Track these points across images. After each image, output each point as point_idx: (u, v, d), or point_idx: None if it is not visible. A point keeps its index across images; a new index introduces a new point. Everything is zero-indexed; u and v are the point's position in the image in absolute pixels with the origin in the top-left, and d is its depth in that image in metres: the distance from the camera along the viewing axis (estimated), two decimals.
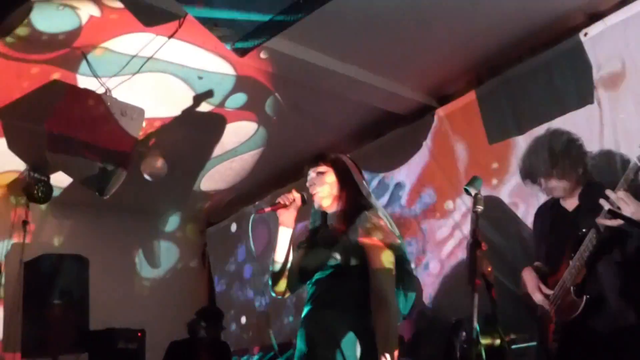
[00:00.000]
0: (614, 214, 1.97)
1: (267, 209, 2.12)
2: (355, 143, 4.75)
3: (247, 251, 5.84)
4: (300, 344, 2.00)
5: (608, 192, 2.15)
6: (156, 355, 4.59)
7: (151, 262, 6.20)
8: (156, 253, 6.27)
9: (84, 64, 3.33)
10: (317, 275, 2.03)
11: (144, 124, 3.52)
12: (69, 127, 3.05)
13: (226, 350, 4.54)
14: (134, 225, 6.08)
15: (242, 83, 3.85)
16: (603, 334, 2.27)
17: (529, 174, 2.69)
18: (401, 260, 1.99)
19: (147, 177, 4.43)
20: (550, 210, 2.67)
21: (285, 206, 2.10)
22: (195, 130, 4.39)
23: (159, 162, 4.32)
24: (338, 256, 1.97)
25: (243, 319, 5.74)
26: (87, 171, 3.49)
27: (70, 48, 3.18)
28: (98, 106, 3.21)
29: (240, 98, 4.04)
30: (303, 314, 2.03)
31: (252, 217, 2.11)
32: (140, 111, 3.41)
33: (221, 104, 4.06)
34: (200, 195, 5.79)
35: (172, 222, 6.46)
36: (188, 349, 4.55)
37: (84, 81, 3.51)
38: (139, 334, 4.76)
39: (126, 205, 5.76)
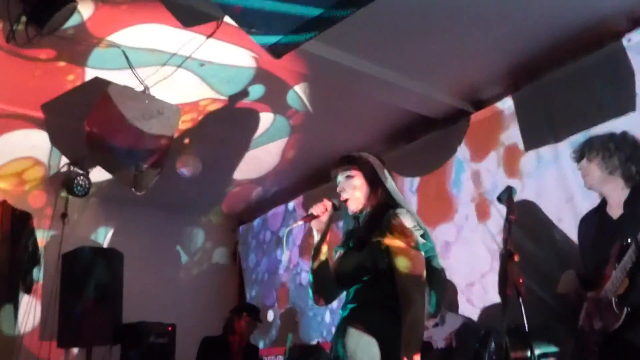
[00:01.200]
0: None
1: (300, 222, 2.13)
2: (388, 146, 4.73)
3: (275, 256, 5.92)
4: (336, 350, 2.00)
5: None
6: (186, 350, 4.68)
7: (184, 258, 6.32)
8: (189, 249, 6.39)
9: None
10: (351, 280, 2.03)
11: (180, 122, 3.58)
12: (107, 125, 3.13)
13: (255, 352, 4.59)
14: (168, 221, 6.20)
15: (268, 80, 3.86)
16: None
17: (578, 154, 2.59)
18: (428, 259, 1.98)
19: (182, 174, 4.51)
20: (595, 218, 2.62)
21: (317, 217, 2.09)
22: (228, 126, 4.44)
23: (193, 160, 4.39)
24: (368, 260, 1.97)
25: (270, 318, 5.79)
26: (123, 168, 3.57)
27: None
28: (136, 104, 3.28)
29: (260, 90, 4.01)
30: (339, 320, 2.04)
31: (286, 231, 2.14)
32: (176, 109, 3.47)
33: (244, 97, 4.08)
34: (233, 191, 5.84)
35: (206, 220, 6.57)
36: (221, 345, 4.61)
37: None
38: (170, 328, 4.85)
39: (161, 201, 5.88)
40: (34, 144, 4.44)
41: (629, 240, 2.21)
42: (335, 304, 2.29)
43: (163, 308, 5.28)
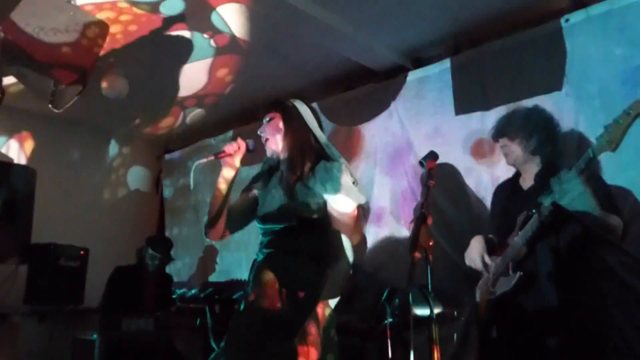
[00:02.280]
0: (555, 205, 2.03)
1: (211, 157, 2.12)
2: (324, 92, 4.69)
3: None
4: (250, 286, 2.01)
5: (559, 176, 2.22)
6: (97, 276, 4.58)
7: (103, 181, 6.10)
8: (109, 173, 6.17)
9: None
10: (273, 222, 2.04)
11: (107, 39, 3.35)
12: (25, 34, 2.86)
13: (169, 282, 4.57)
14: (89, 142, 5.94)
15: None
16: (529, 311, 2.37)
17: (498, 132, 2.68)
18: (360, 212, 2.03)
19: (106, 94, 4.28)
20: (508, 187, 2.75)
21: (229, 155, 2.12)
22: (158, 51, 4.22)
23: (120, 81, 4.17)
24: (298, 206, 1.98)
25: (188, 255, 5.76)
26: (41, 82, 3.32)
27: None
28: (59, 15, 3.02)
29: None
30: (258, 259, 2.05)
31: (194, 166, 2.09)
32: (104, 26, 3.23)
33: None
34: (160, 117, 5.63)
35: (129, 143, 6.32)
36: (133, 275, 4.56)
37: None
38: (82, 252, 4.73)
39: (83, 120, 5.61)
40: None
41: (533, 211, 2.34)
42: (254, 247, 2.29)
43: (77, 231, 5.10)
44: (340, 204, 1.95)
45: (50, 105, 3.45)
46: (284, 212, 2.01)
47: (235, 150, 2.12)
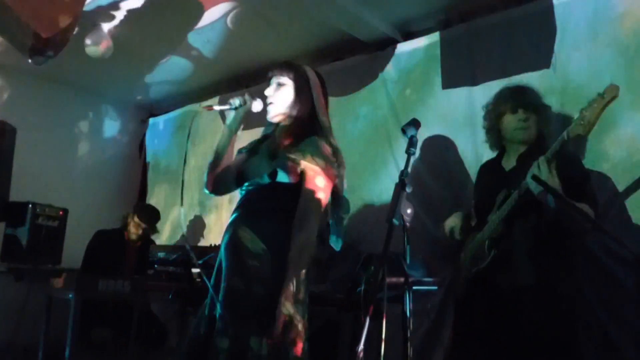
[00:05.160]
0: (536, 178, 2.03)
1: (216, 107, 2.08)
2: (313, 62, 4.62)
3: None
4: (222, 250, 2.01)
5: (536, 160, 2.22)
6: (76, 238, 4.55)
7: (85, 143, 6.01)
8: (93, 134, 6.08)
9: None
10: (250, 184, 2.03)
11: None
12: None
13: (148, 246, 4.56)
14: (73, 101, 5.84)
15: None
16: (504, 288, 2.39)
17: (495, 112, 2.61)
18: (337, 189, 2.02)
19: (90, 53, 4.19)
20: (491, 167, 2.74)
21: (235, 109, 2.07)
22: (152, 16, 4.12)
23: (105, 41, 4.07)
24: (275, 170, 1.96)
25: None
26: (22, 36, 3.22)
27: None
28: None
29: None
30: (230, 220, 2.03)
31: (196, 112, 2.06)
32: None
33: None
34: (146, 78, 5.53)
35: (114, 105, 6.23)
36: (114, 240, 4.53)
37: None
38: (61, 213, 4.67)
39: (68, 79, 5.51)
40: None
41: (512, 190, 2.35)
42: None
43: (56, 191, 5.05)
44: (315, 164, 1.94)
45: (30, 61, 3.36)
46: (257, 171, 2.00)
47: (241, 104, 2.09)
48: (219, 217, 5.08)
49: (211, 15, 4.12)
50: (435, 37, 3.85)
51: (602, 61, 3.04)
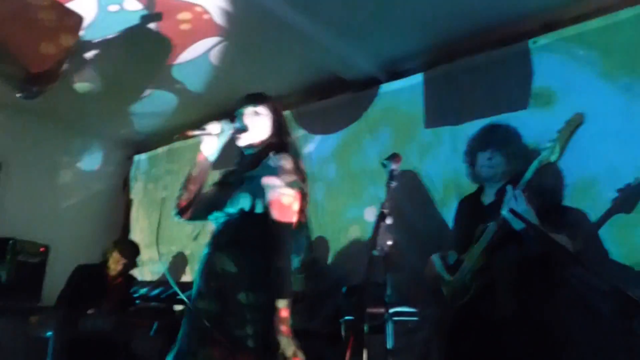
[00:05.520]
0: (513, 212, 2.08)
1: (195, 132, 2.05)
2: (300, 100, 4.74)
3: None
4: (197, 284, 2.00)
5: (508, 188, 2.28)
6: (57, 274, 4.47)
7: (70, 179, 5.99)
8: (77, 170, 6.06)
9: None
10: (223, 217, 2.03)
11: (81, 33, 3.31)
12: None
13: (130, 282, 4.50)
14: (58, 137, 5.82)
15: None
16: (486, 320, 2.41)
17: (483, 143, 2.71)
18: (304, 209, 2.02)
19: (77, 89, 4.24)
20: (470, 202, 2.80)
21: (210, 135, 2.04)
22: (137, 51, 4.20)
23: (92, 76, 4.13)
24: (247, 201, 1.96)
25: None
26: (12, 71, 3.25)
27: None
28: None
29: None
30: (202, 254, 2.02)
31: (174, 138, 2.04)
32: (78, 17, 3.18)
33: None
34: (133, 116, 5.57)
35: (99, 141, 6.24)
36: (95, 275, 4.47)
37: None
38: (42, 249, 4.63)
39: (54, 115, 5.51)
40: None
41: (489, 224, 2.39)
42: None
43: (39, 227, 5.00)
44: (279, 187, 1.93)
45: (18, 96, 3.39)
46: (230, 201, 2.00)
47: (219, 131, 2.05)
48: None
49: (196, 49, 4.20)
50: (418, 77, 3.97)
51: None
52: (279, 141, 2.11)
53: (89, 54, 4.13)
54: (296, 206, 1.95)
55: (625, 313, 1.69)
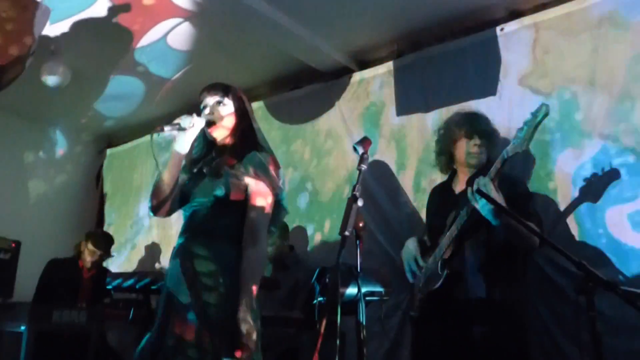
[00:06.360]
0: (480, 192, 2.13)
1: (167, 128, 2.04)
2: (271, 91, 4.74)
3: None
4: (170, 275, 2.00)
5: (478, 179, 2.33)
6: (29, 270, 4.41)
7: (42, 173, 5.89)
8: (47, 164, 5.96)
9: None
10: (196, 206, 2.04)
11: (48, 24, 3.26)
12: None
13: (104, 274, 4.46)
14: (26, 130, 5.72)
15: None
16: (457, 304, 2.47)
17: (450, 137, 2.73)
18: (279, 205, 2.05)
19: (46, 82, 4.16)
20: (441, 190, 2.85)
21: (183, 129, 2.04)
22: (104, 41, 4.14)
23: (61, 69, 4.06)
24: (221, 189, 1.98)
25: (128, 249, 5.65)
26: None
27: None
28: None
29: None
30: (177, 244, 2.03)
31: (151, 137, 2.03)
32: (46, 10, 3.14)
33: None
34: (103, 109, 5.49)
35: (70, 136, 6.14)
36: (68, 269, 4.42)
37: None
38: (13, 245, 4.54)
39: (21, 108, 5.41)
40: None
41: (461, 212, 2.45)
42: None
43: (9, 222, 4.91)
44: (259, 179, 1.96)
45: None
46: (204, 191, 2.02)
47: (190, 125, 2.03)
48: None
49: (156, 32, 4.11)
50: (389, 65, 4.01)
51: None
52: (246, 128, 2.13)
53: (55, 46, 4.06)
54: (270, 199, 1.98)
55: (586, 288, 1.75)
